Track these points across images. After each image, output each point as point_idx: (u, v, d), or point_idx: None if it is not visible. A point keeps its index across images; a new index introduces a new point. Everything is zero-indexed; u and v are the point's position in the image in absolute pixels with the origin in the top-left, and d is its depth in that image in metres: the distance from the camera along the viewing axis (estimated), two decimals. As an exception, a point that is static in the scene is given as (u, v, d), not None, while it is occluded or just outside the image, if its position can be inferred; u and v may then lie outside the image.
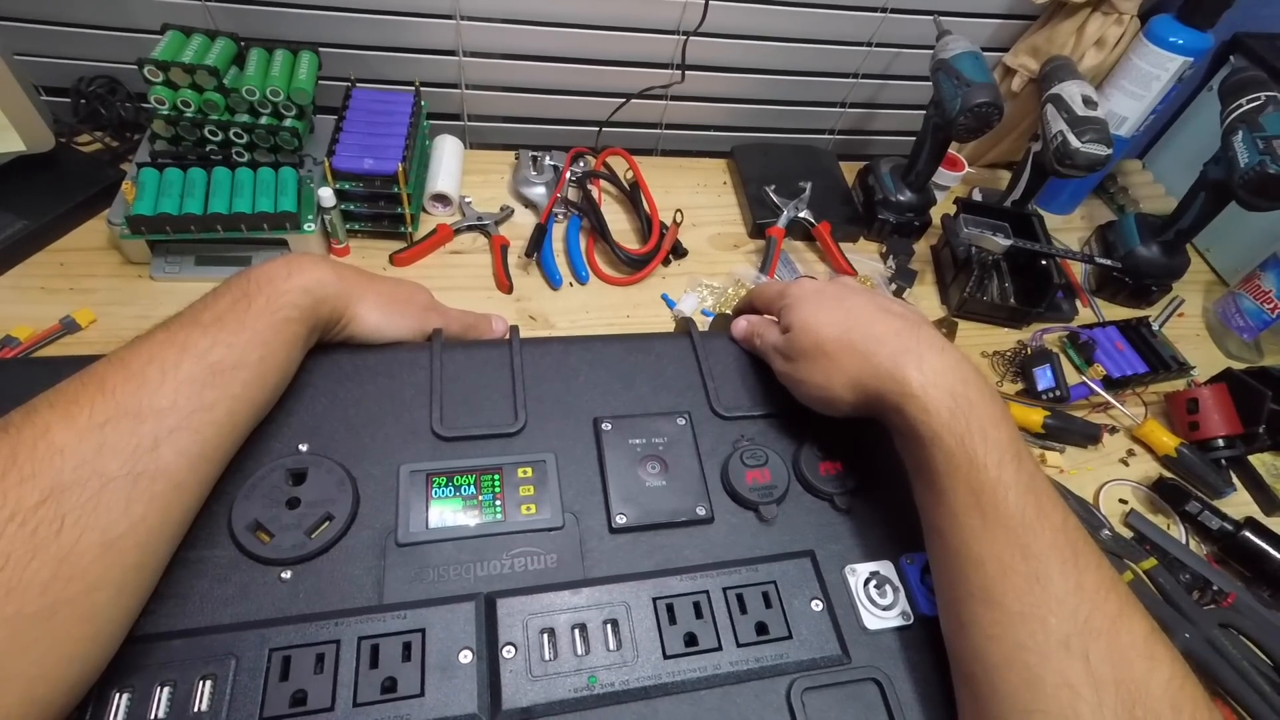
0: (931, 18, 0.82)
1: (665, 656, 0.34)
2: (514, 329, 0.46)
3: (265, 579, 0.34)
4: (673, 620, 0.35)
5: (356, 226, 0.76)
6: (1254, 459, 0.73)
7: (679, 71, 0.87)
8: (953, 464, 0.33)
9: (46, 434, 0.28)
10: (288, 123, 0.72)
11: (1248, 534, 0.64)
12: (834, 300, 0.41)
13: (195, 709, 0.30)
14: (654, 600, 0.35)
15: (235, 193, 0.69)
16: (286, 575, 0.34)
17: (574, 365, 0.45)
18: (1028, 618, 0.30)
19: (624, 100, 0.88)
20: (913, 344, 0.36)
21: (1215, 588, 0.62)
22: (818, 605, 0.36)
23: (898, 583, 0.38)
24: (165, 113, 0.68)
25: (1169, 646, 0.30)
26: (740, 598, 0.36)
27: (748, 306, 0.51)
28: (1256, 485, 0.72)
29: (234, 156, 0.73)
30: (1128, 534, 0.65)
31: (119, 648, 0.30)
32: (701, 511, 0.39)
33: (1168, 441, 0.72)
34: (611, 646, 0.34)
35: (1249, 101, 0.71)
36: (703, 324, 0.75)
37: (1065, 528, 0.32)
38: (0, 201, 0.70)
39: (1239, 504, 0.71)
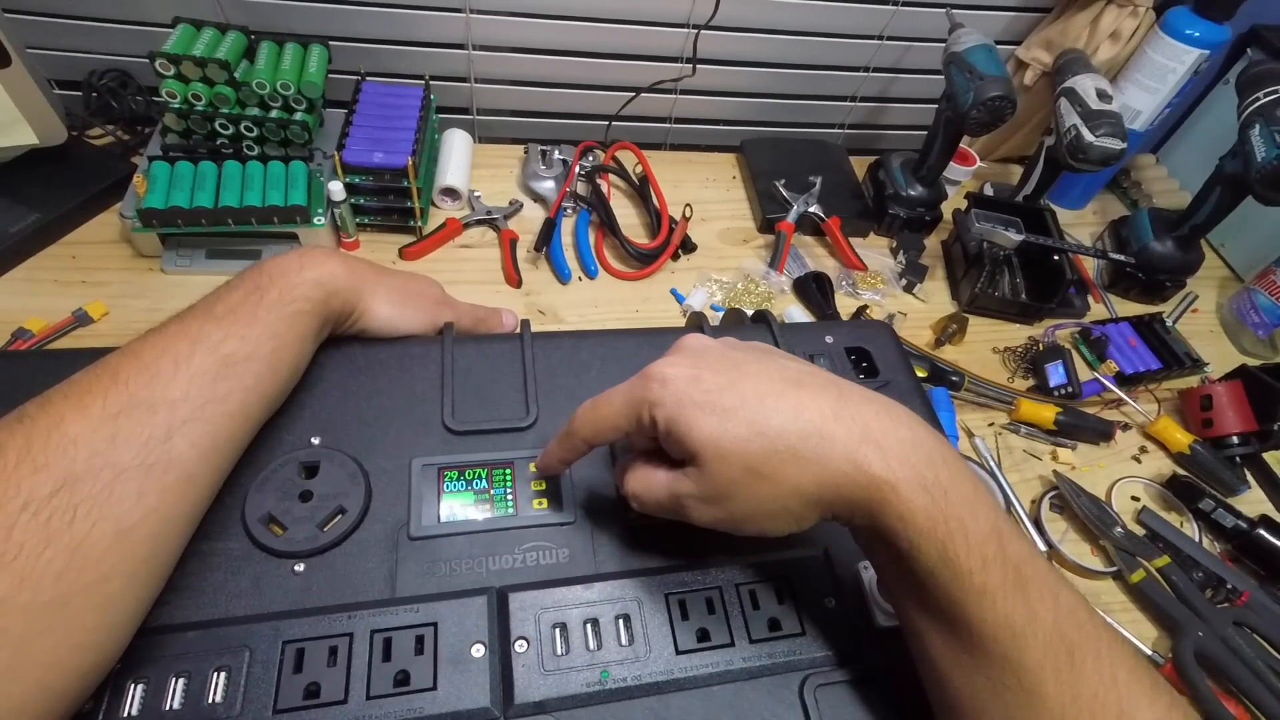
0: (944, 10, 0.81)
1: (678, 652, 0.34)
2: (525, 323, 0.46)
3: (278, 572, 0.34)
4: (685, 616, 0.35)
5: (366, 220, 0.76)
6: (1269, 456, 0.72)
7: (690, 65, 0.86)
8: (934, 579, 0.28)
9: (60, 424, 0.28)
10: (298, 116, 0.72)
11: (1262, 532, 0.64)
12: (725, 390, 0.30)
13: (209, 700, 0.30)
14: (666, 596, 0.35)
15: (246, 186, 0.69)
16: (299, 568, 0.35)
17: (585, 360, 0.45)
18: None
19: (633, 94, 0.88)
20: (859, 422, 0.29)
21: (1229, 586, 0.62)
22: (831, 602, 0.36)
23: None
24: (176, 106, 0.68)
25: None
26: (753, 594, 0.36)
27: (576, 446, 0.35)
28: (1271, 483, 0.71)
29: (245, 150, 0.73)
30: (1140, 531, 0.65)
31: (134, 639, 0.30)
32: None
33: (1181, 438, 0.71)
34: (624, 641, 0.34)
35: (1266, 94, 0.70)
36: (713, 319, 0.74)
37: (1058, 621, 0.28)
38: (13, 195, 0.71)
39: (1253, 502, 0.70)
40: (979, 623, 0.28)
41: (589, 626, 0.34)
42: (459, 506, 0.38)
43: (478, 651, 0.32)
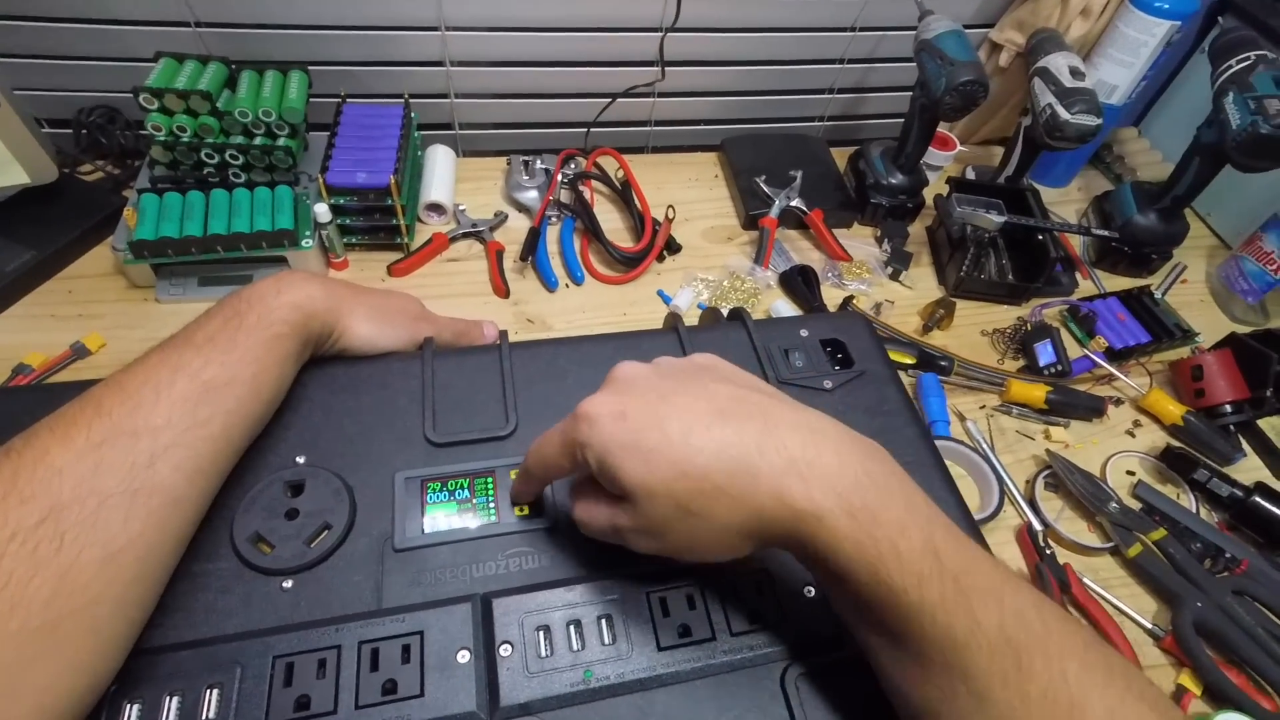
0: (914, -2, 0.82)
1: (660, 648, 0.34)
2: (503, 333, 0.47)
3: (267, 589, 0.35)
4: (666, 613, 0.35)
5: (353, 240, 0.77)
6: (1262, 423, 0.72)
7: (661, 69, 0.87)
8: (872, 599, 0.28)
9: (45, 456, 0.29)
10: (281, 142, 0.73)
11: (1258, 499, 0.64)
12: (650, 429, 0.30)
13: (203, 717, 0.31)
14: (647, 594, 0.36)
15: (233, 213, 0.70)
16: (288, 584, 0.35)
17: (563, 366, 0.45)
18: None
19: (610, 100, 0.89)
20: (783, 454, 0.29)
21: (1227, 555, 0.62)
22: (810, 592, 0.37)
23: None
24: (162, 138, 0.70)
25: None
26: (733, 587, 0.36)
27: (532, 485, 0.38)
28: (1266, 449, 0.71)
29: (231, 178, 0.74)
30: (1136, 505, 0.65)
31: (128, 660, 0.31)
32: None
33: (1174, 410, 0.71)
34: (606, 641, 0.34)
35: (1239, 62, 0.71)
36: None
37: (1003, 626, 0.27)
38: (8, 233, 0.72)
39: (1249, 469, 0.70)
40: (919, 638, 0.28)
41: (572, 628, 0.34)
42: (442, 517, 0.38)
43: (463, 657, 0.33)
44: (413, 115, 0.81)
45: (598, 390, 0.33)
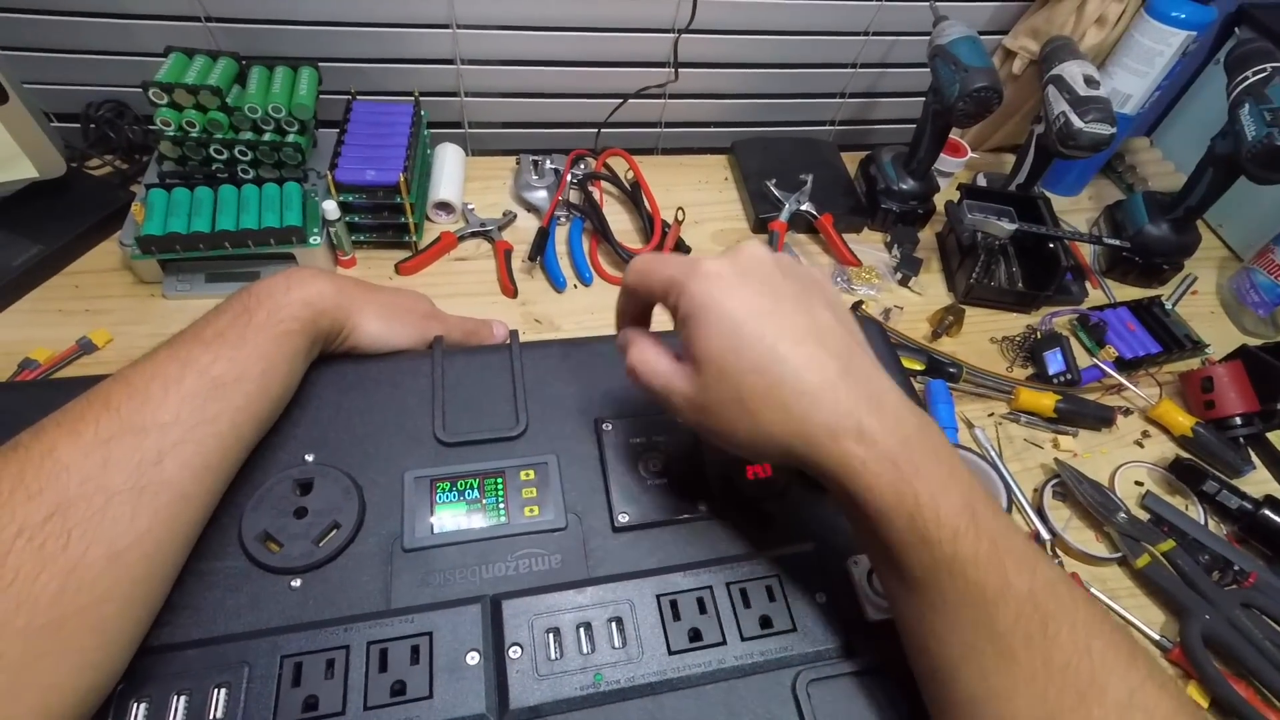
0: (927, 3, 0.81)
1: (670, 652, 0.34)
2: (514, 333, 0.47)
3: (275, 588, 0.35)
4: (677, 616, 0.35)
5: (362, 238, 0.77)
6: (1272, 436, 0.72)
7: (674, 70, 0.87)
8: (904, 544, 0.29)
9: (53, 452, 0.29)
10: (290, 138, 0.73)
11: (1267, 512, 0.64)
12: (751, 319, 0.31)
13: (211, 716, 0.30)
14: (658, 597, 0.35)
15: (242, 209, 0.70)
16: (296, 583, 0.35)
17: (574, 367, 0.45)
18: (994, 700, 0.28)
19: (621, 101, 0.89)
20: (850, 399, 0.30)
21: (1236, 567, 0.61)
22: (821, 598, 0.36)
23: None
24: (171, 134, 0.70)
25: (1149, 710, 0.27)
26: (744, 592, 0.36)
27: (631, 298, 0.37)
28: (1276, 462, 0.71)
29: (239, 174, 0.74)
30: (1144, 516, 0.65)
31: (135, 658, 0.30)
32: (703, 508, 0.39)
33: (1183, 421, 0.71)
34: (617, 644, 0.34)
35: (1255, 73, 0.70)
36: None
37: (1034, 592, 0.28)
38: (16, 228, 0.72)
39: (1258, 482, 0.70)
40: (949, 590, 0.28)
41: (582, 630, 0.34)
42: (451, 517, 0.38)
43: (473, 659, 0.33)
44: (422, 113, 0.81)
45: (722, 254, 0.33)
